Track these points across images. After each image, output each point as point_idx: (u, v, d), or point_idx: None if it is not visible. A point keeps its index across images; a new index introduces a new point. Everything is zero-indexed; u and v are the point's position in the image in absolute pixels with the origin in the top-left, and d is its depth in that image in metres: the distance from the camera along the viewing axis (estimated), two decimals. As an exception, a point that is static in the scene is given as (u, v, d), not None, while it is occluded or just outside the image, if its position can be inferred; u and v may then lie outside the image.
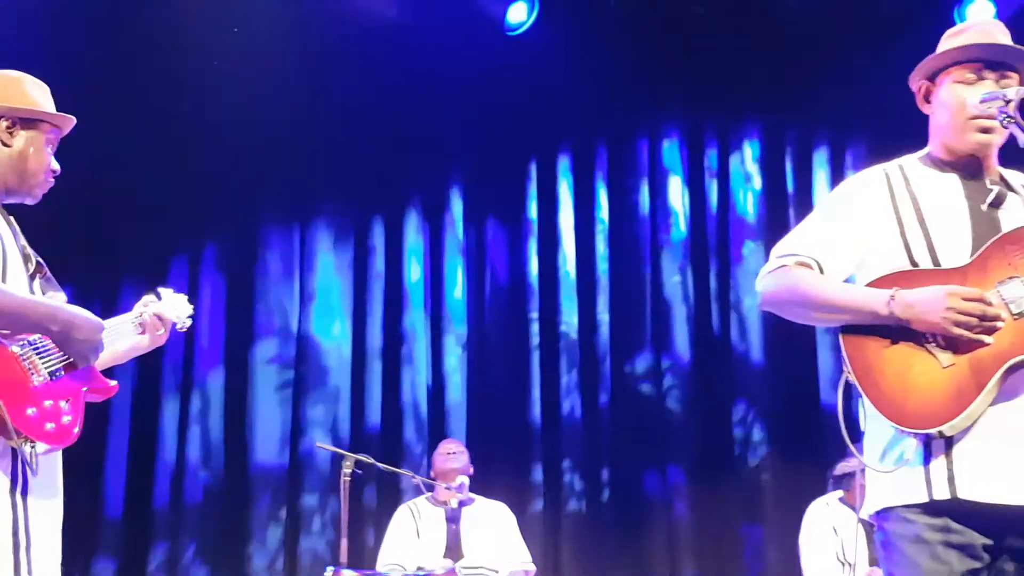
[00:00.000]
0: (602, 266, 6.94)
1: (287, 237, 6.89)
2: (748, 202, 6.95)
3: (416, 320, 6.86)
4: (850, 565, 4.80)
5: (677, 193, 7.00)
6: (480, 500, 5.64)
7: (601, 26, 6.65)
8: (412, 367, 6.80)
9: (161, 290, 3.10)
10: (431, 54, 6.47)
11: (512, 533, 5.59)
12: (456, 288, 6.93)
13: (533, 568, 5.57)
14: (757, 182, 6.97)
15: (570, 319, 6.88)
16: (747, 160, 6.99)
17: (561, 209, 7.01)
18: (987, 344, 2.35)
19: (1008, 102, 2.40)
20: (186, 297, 3.16)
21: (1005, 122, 2.40)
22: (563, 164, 7.07)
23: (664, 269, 6.91)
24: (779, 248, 2.70)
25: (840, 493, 5.16)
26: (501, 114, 6.85)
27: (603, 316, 6.87)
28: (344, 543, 4.73)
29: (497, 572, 5.41)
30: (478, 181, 7.09)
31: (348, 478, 4.80)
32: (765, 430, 6.68)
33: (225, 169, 6.64)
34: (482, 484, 5.70)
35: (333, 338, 6.83)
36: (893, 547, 2.42)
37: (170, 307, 3.06)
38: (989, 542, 2.34)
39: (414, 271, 6.94)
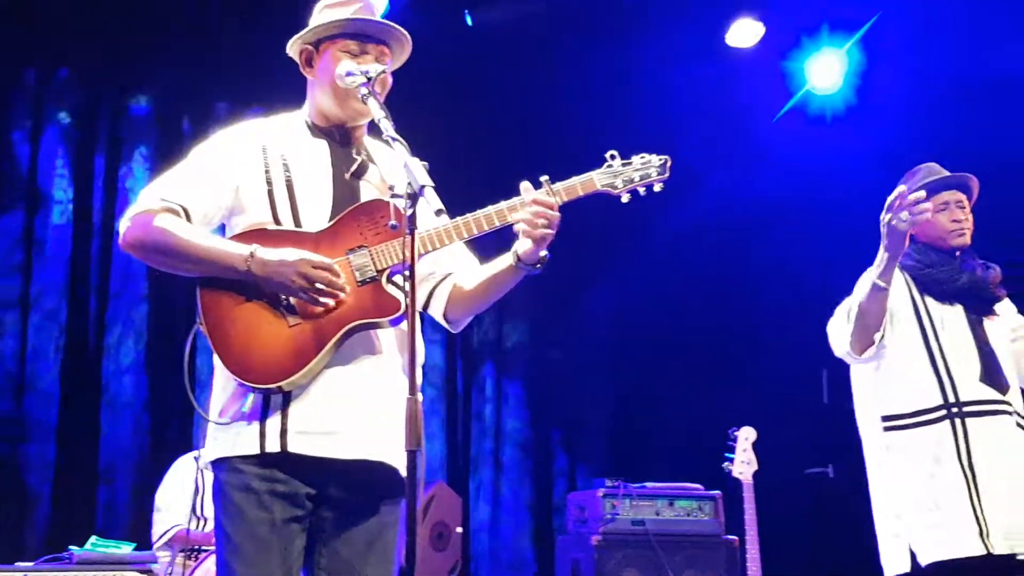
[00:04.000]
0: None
1: None
2: (141, 155, 6.66)
3: None
4: (205, 519, 4.78)
5: (57, 140, 6.49)
6: None
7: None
8: None
9: None
10: None
11: None
12: None
13: None
14: (152, 133, 6.69)
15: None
16: (140, 108, 6.67)
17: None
18: (330, 308, 2.47)
19: (369, 79, 2.53)
20: None
21: (365, 97, 2.51)
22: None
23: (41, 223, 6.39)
24: (147, 191, 2.59)
25: None
26: None
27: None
28: None
29: None
30: None
31: None
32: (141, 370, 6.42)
33: None
34: None
35: None
36: (223, 495, 2.46)
37: None
38: (312, 491, 2.47)
39: None
